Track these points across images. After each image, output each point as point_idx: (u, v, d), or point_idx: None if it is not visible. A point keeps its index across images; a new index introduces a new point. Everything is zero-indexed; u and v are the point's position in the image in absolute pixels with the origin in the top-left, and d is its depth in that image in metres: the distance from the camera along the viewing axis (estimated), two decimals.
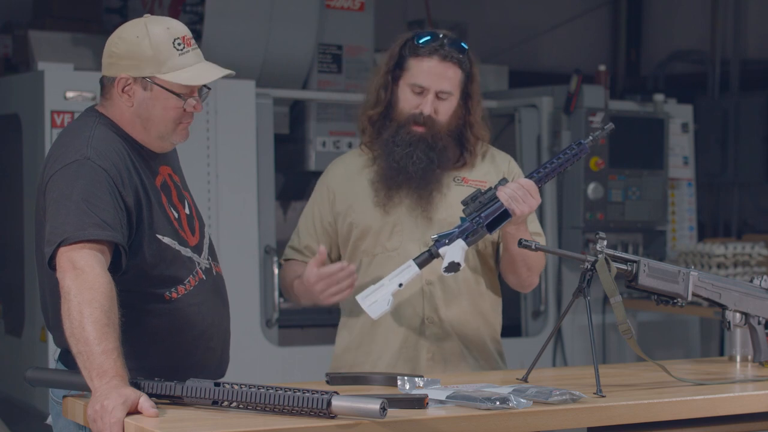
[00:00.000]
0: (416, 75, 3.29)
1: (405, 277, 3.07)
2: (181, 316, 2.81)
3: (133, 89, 2.79)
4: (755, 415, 2.91)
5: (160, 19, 2.84)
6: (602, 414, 2.66)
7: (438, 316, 3.31)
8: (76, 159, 2.69)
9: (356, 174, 3.40)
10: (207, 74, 2.83)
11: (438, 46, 3.29)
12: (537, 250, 2.97)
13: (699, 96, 8.49)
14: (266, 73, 5.78)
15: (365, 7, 6.11)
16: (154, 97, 2.80)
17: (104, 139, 2.76)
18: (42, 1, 6.48)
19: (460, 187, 3.35)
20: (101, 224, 2.62)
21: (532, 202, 3.12)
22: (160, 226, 2.79)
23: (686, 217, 6.78)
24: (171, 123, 2.84)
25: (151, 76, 2.78)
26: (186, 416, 2.45)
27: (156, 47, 2.77)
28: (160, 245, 2.78)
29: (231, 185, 5.43)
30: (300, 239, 3.46)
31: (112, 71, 2.81)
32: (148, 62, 2.77)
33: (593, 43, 9.19)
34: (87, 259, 2.56)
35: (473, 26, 7.80)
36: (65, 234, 2.59)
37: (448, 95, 3.30)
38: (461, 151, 3.36)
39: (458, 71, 3.31)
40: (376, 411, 2.35)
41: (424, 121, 3.28)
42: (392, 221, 3.32)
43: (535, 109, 6.30)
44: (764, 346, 3.25)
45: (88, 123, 2.81)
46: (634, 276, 3.02)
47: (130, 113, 2.81)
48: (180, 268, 2.83)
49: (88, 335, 2.48)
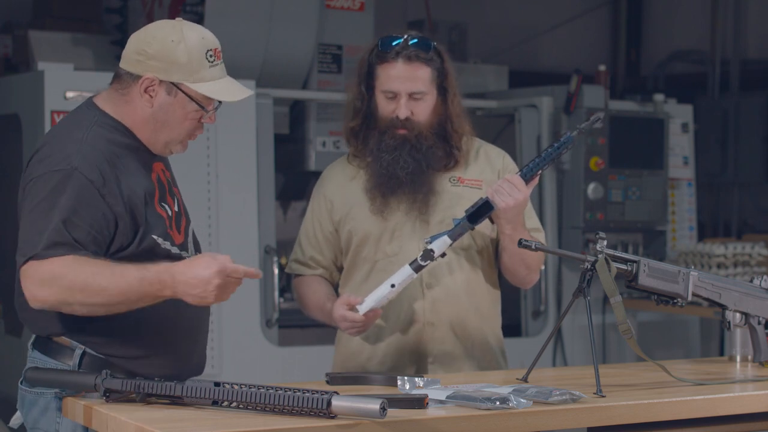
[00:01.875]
0: (385, 81, 3.29)
1: (398, 279, 3.10)
2: (171, 311, 2.81)
3: (156, 91, 2.78)
4: (755, 415, 2.91)
5: (195, 27, 2.83)
6: (602, 414, 2.66)
7: (439, 318, 3.31)
8: (63, 168, 2.69)
9: (349, 182, 3.40)
10: (236, 92, 2.84)
11: (401, 49, 3.27)
12: (537, 250, 2.97)
13: (699, 96, 8.49)
14: (266, 73, 5.78)
15: (365, 7, 6.11)
16: (177, 103, 2.79)
17: (96, 144, 2.75)
18: (42, 1, 6.47)
19: (457, 188, 3.35)
20: (72, 245, 2.64)
21: (517, 195, 3.14)
22: (154, 226, 2.80)
23: (686, 217, 6.78)
24: (185, 132, 2.84)
25: (179, 83, 2.77)
26: (186, 416, 2.46)
27: (190, 54, 2.76)
28: (152, 243, 2.79)
29: (231, 185, 5.42)
30: (304, 252, 3.45)
31: (139, 69, 2.78)
32: (179, 68, 2.76)
33: (593, 43, 9.19)
34: (49, 269, 2.61)
35: (473, 26, 7.80)
36: (35, 250, 2.62)
37: (421, 95, 3.28)
38: (449, 149, 3.35)
39: (427, 69, 3.29)
40: (376, 411, 2.35)
41: (403, 124, 3.28)
42: (391, 227, 3.32)
43: (535, 109, 6.30)
44: (764, 346, 3.25)
45: (83, 122, 2.79)
46: (634, 276, 3.01)
47: (146, 114, 2.80)
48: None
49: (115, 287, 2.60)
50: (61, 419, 2.77)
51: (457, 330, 3.32)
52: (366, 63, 3.35)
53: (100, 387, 2.58)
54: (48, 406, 2.78)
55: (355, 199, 3.36)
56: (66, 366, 2.77)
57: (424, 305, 3.30)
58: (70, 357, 2.77)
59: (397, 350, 3.31)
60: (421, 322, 3.31)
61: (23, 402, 2.84)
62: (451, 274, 3.31)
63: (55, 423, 2.78)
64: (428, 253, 3.11)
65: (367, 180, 3.35)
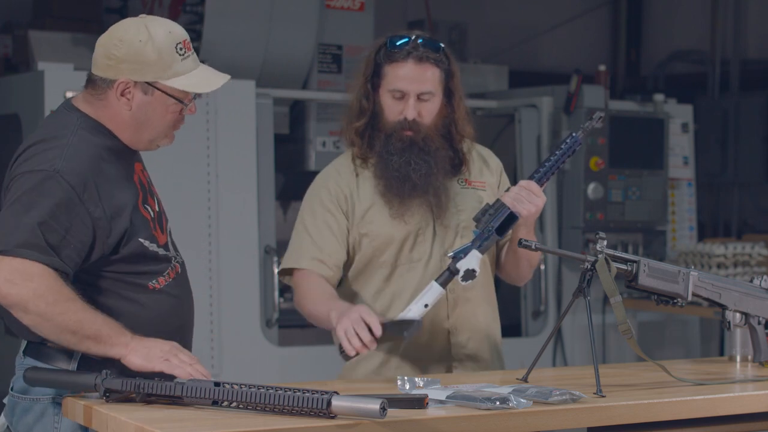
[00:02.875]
0: (394, 81, 3.24)
1: (430, 298, 3.02)
2: (163, 308, 2.82)
3: (132, 93, 2.76)
4: (755, 415, 2.91)
5: (160, 21, 2.80)
6: (602, 414, 2.66)
7: (460, 322, 3.30)
8: (46, 169, 2.67)
9: (357, 181, 3.31)
10: (213, 81, 2.82)
11: (412, 49, 3.23)
12: (537, 250, 2.97)
13: (699, 96, 8.49)
14: (266, 73, 5.78)
15: (365, 7, 6.11)
16: (154, 101, 2.78)
17: (81, 148, 2.73)
18: (42, 1, 6.48)
19: (466, 190, 3.33)
20: (44, 248, 2.62)
21: (537, 201, 3.12)
22: (139, 229, 2.79)
23: (686, 217, 6.78)
24: (168, 127, 2.83)
25: (153, 82, 2.76)
26: (186, 416, 2.45)
27: (160, 52, 2.74)
28: (140, 247, 2.78)
29: (231, 185, 5.42)
30: (321, 249, 3.24)
31: (111, 73, 2.76)
32: (151, 67, 2.74)
33: (593, 43, 9.19)
34: (21, 269, 2.61)
35: (473, 26, 7.80)
36: (7, 246, 2.61)
37: (429, 96, 3.25)
38: (454, 151, 3.33)
39: (436, 70, 3.26)
40: (376, 411, 2.35)
41: (410, 126, 3.24)
42: (414, 231, 3.26)
43: (535, 109, 6.30)
44: (764, 346, 3.25)
45: (68, 125, 2.77)
46: (634, 276, 3.01)
47: (126, 116, 2.79)
48: (157, 264, 2.84)
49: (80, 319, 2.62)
50: (59, 424, 2.76)
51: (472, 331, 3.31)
52: (372, 62, 3.29)
53: (100, 387, 2.58)
54: (44, 412, 2.77)
55: (368, 201, 3.29)
56: None
57: (449, 311, 3.28)
58: (65, 361, 2.75)
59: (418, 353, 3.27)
60: (444, 326, 3.28)
61: (13, 409, 2.82)
62: None
63: (53, 428, 2.77)
64: (470, 273, 3.03)
65: (378, 183, 3.27)
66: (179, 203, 5.24)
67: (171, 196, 5.30)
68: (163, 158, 5.34)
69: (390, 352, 3.27)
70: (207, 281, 5.33)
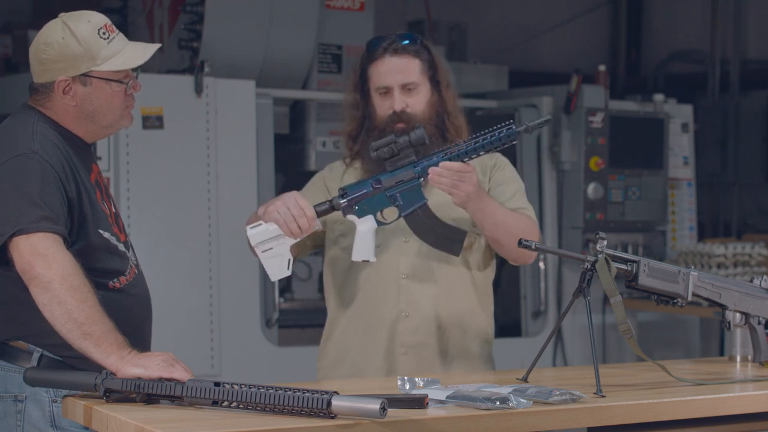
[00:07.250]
0: (377, 78, 3.33)
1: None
2: (122, 306, 2.84)
3: (73, 88, 2.85)
4: (755, 415, 2.91)
5: (77, 15, 2.88)
6: (602, 414, 2.66)
7: (413, 309, 3.31)
8: (24, 152, 2.74)
9: (341, 174, 3.42)
10: (140, 54, 2.88)
11: (388, 45, 3.33)
12: (537, 250, 2.97)
13: (699, 96, 8.49)
14: (266, 73, 5.78)
15: (365, 7, 6.10)
16: (96, 90, 2.86)
17: (46, 136, 2.81)
18: (42, 1, 6.48)
19: None
20: (54, 218, 2.68)
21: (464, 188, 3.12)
22: (99, 221, 2.84)
23: (686, 217, 6.78)
24: (118, 109, 2.90)
25: (87, 72, 2.83)
26: (186, 416, 2.46)
27: (84, 43, 2.82)
28: (101, 239, 2.83)
29: (231, 185, 5.42)
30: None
31: (48, 77, 2.86)
32: (81, 59, 2.82)
33: (593, 43, 9.19)
34: (49, 246, 2.64)
35: (473, 26, 7.80)
36: (20, 225, 2.65)
37: (414, 85, 3.31)
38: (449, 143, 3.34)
39: (416, 61, 3.33)
40: (376, 411, 2.35)
41: (400, 117, 3.29)
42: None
43: (535, 109, 6.29)
44: (764, 346, 3.25)
45: (28, 120, 2.86)
46: (634, 276, 3.01)
47: (74, 111, 2.87)
48: (120, 261, 2.89)
49: (92, 315, 2.61)
50: (22, 422, 2.78)
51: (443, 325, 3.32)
52: (359, 68, 3.39)
53: (100, 387, 2.58)
54: (6, 411, 2.80)
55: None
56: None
57: (400, 297, 3.30)
58: (28, 360, 2.78)
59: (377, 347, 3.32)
60: (396, 314, 3.31)
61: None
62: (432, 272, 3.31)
63: (16, 427, 2.79)
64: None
65: (363, 172, 3.34)
66: (179, 203, 5.24)
67: (171, 196, 5.31)
68: (163, 158, 5.36)
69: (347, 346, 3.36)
70: (207, 281, 5.33)
